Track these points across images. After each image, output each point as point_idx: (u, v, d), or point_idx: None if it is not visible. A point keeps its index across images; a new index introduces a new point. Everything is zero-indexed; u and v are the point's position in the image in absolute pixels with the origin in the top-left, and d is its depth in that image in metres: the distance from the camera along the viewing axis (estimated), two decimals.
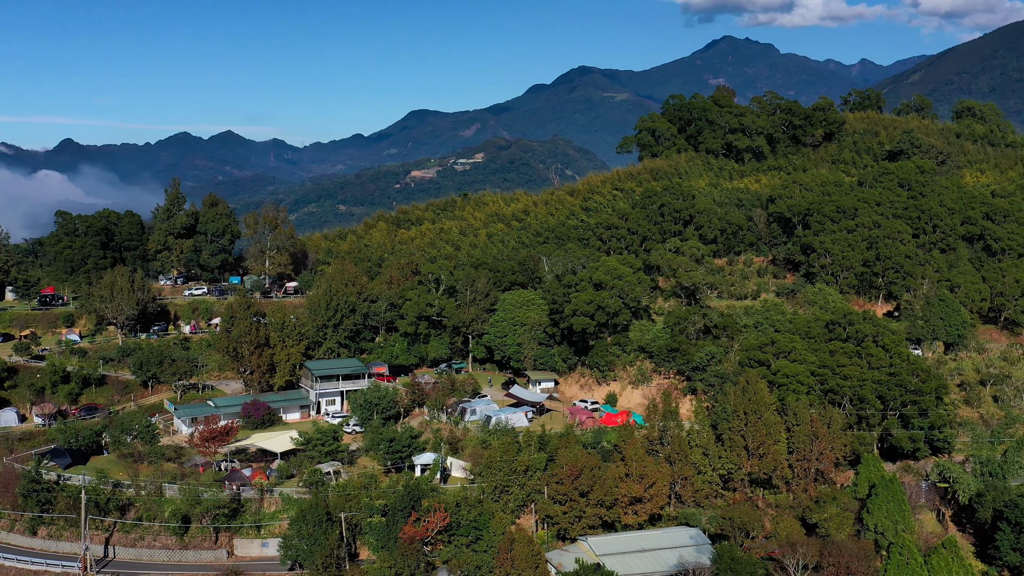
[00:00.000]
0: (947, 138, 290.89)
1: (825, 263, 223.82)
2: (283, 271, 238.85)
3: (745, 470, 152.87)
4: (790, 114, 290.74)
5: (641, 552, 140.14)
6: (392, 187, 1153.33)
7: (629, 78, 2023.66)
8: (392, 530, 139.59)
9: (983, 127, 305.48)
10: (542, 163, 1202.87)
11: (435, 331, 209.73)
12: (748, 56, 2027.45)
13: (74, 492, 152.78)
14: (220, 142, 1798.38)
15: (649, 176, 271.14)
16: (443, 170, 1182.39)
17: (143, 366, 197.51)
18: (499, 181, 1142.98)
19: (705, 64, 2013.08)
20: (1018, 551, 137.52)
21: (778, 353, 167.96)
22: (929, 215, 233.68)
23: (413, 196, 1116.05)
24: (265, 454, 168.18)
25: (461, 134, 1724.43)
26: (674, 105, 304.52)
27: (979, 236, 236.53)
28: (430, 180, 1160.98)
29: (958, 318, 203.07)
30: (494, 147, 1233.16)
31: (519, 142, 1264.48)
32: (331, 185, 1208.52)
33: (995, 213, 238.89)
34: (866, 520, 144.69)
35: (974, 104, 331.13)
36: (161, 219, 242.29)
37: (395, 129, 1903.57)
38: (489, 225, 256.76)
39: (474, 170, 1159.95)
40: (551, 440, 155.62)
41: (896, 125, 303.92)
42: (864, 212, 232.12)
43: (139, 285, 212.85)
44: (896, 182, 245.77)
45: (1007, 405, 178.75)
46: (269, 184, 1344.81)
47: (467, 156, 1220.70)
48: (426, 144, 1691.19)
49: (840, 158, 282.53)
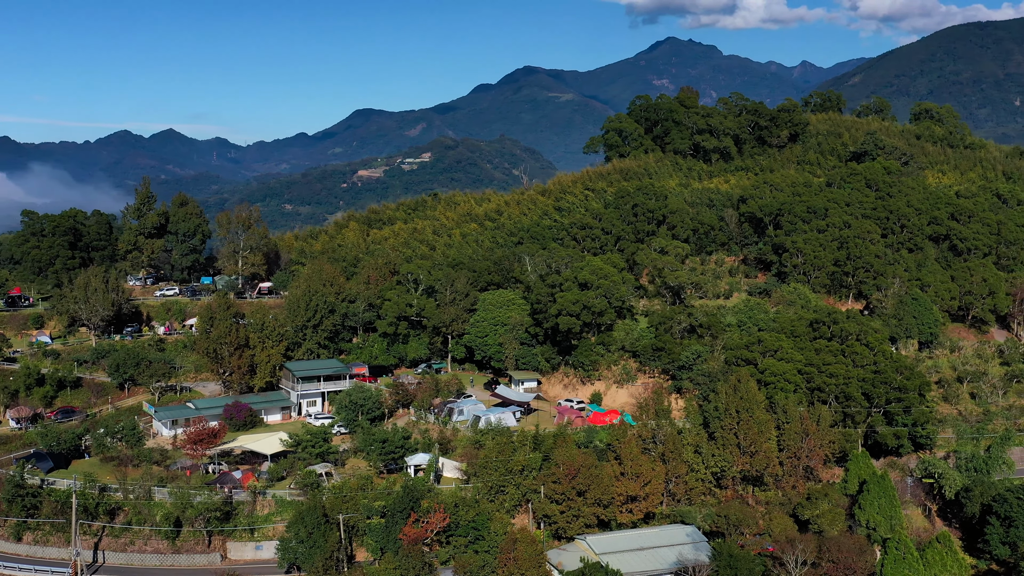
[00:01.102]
0: (908, 140, 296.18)
1: (797, 263, 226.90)
2: (256, 271, 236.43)
3: (737, 468, 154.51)
4: (756, 115, 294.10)
5: (640, 550, 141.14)
6: (339, 186, 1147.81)
7: (574, 78, 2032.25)
8: (391, 531, 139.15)
9: (942, 129, 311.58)
10: (489, 163, 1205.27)
11: (414, 331, 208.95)
12: (692, 57, 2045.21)
13: (61, 497, 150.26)
14: (162, 140, 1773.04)
15: (619, 176, 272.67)
16: (390, 170, 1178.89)
17: (119, 368, 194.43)
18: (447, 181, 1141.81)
19: (649, 65, 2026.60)
20: (1007, 545, 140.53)
21: (765, 352, 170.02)
22: (897, 215, 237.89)
23: (360, 196, 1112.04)
24: (253, 456, 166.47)
25: (407, 133, 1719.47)
26: (640, 106, 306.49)
27: (945, 236, 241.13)
28: (377, 180, 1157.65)
29: (931, 317, 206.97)
30: (441, 147, 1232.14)
31: (466, 142, 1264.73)
32: (277, 184, 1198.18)
33: (960, 213, 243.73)
34: (858, 516, 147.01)
35: (931, 106, 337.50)
36: (131, 218, 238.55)
37: (340, 128, 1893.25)
38: (462, 225, 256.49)
39: (421, 170, 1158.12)
40: (545, 440, 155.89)
41: (858, 127, 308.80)
42: (834, 212, 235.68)
43: (113, 286, 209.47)
44: (863, 182, 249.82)
45: (984, 402, 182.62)
46: (213, 183, 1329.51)
47: (414, 156, 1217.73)
48: (371, 143, 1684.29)
49: (805, 159, 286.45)
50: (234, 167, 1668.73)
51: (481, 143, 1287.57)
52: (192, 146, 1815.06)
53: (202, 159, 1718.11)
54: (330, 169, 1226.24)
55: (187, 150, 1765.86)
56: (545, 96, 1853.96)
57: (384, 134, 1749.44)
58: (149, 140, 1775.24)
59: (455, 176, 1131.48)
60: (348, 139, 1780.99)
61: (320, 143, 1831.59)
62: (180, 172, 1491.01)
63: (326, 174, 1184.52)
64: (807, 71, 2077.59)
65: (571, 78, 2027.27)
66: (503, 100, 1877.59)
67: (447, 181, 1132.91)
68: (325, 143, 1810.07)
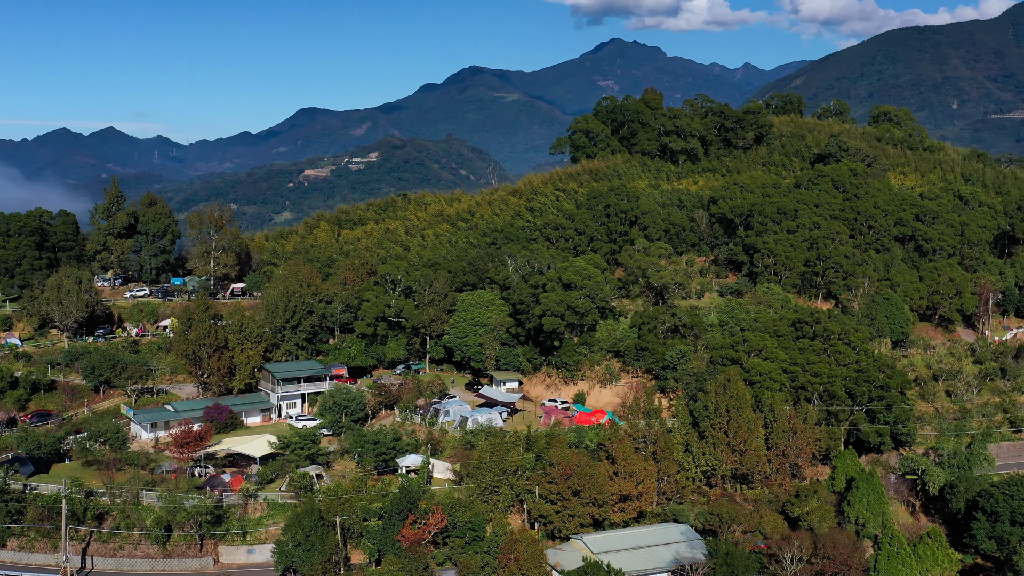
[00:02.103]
0: (869, 142, 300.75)
1: (768, 263, 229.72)
2: (228, 272, 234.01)
3: (727, 466, 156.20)
4: (722, 117, 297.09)
5: (637, 549, 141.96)
6: (285, 186, 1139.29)
7: (520, 78, 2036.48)
8: (390, 533, 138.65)
9: (901, 132, 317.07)
10: (437, 163, 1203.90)
11: (392, 332, 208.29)
12: (636, 59, 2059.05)
13: (48, 501, 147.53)
14: (102, 139, 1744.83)
15: (589, 177, 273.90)
16: (337, 169, 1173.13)
17: (95, 370, 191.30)
18: (394, 181, 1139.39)
19: (594, 66, 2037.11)
20: (993, 539, 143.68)
21: (750, 351, 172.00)
22: (864, 216, 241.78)
23: (307, 195, 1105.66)
24: (240, 458, 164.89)
25: (352, 133, 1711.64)
26: (606, 107, 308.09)
27: (910, 237, 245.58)
28: (324, 179, 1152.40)
29: (902, 316, 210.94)
30: (388, 146, 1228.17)
31: (413, 142, 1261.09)
32: (222, 184, 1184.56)
33: (924, 214, 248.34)
34: (847, 512, 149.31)
35: (890, 109, 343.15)
36: (100, 218, 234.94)
37: (284, 127, 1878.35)
38: (434, 225, 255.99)
39: (369, 169, 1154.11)
40: (538, 440, 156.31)
41: (820, 128, 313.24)
42: (804, 213, 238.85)
43: (86, 287, 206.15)
44: (831, 184, 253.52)
45: (960, 399, 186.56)
46: (156, 182, 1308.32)
47: (361, 155, 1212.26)
48: (316, 143, 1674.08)
49: (771, 160, 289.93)
50: (176, 166, 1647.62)
51: (428, 143, 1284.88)
52: (133, 144, 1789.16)
53: (143, 158, 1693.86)
54: (276, 168, 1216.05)
55: (128, 148, 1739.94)
56: (491, 96, 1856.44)
57: (329, 133, 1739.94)
58: (89, 138, 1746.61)
59: (403, 176, 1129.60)
60: (293, 138, 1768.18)
61: (264, 142, 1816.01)
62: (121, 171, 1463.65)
63: (272, 173, 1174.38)
64: (750, 73, 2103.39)
65: (517, 78, 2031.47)
66: (449, 100, 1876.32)
67: (395, 181, 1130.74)
68: (269, 142, 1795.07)
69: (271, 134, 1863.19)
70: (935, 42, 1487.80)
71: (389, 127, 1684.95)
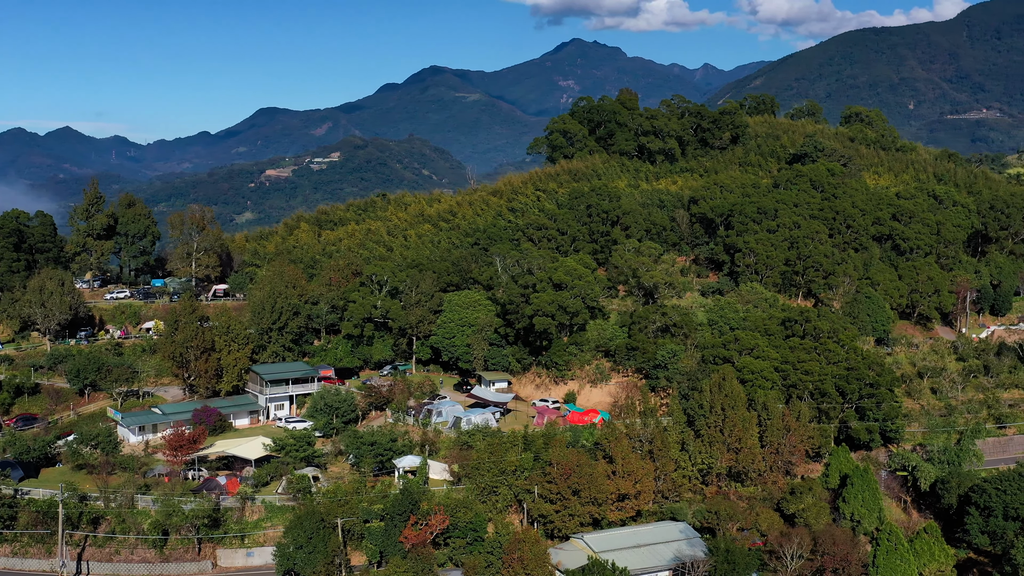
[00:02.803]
0: (842, 142, 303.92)
1: (750, 262, 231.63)
2: (211, 273, 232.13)
3: (723, 464, 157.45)
4: (699, 117, 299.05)
5: (638, 548, 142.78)
6: (247, 186, 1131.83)
7: (480, 78, 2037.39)
8: (391, 535, 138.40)
9: (874, 132, 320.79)
10: (399, 163, 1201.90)
11: (379, 333, 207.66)
12: (596, 59, 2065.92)
13: (42, 507, 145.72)
14: (58, 138, 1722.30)
15: (569, 177, 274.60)
16: (299, 169, 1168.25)
17: (80, 373, 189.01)
18: (356, 181, 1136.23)
19: (555, 66, 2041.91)
20: (986, 534, 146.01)
21: (741, 350, 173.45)
22: (843, 216, 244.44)
23: (269, 196, 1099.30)
24: (235, 461, 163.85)
25: (312, 132, 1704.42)
26: (583, 107, 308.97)
27: (888, 236, 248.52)
28: (286, 179, 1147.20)
29: (884, 314, 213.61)
30: (350, 146, 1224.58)
31: (375, 141, 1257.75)
32: (182, 184, 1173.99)
33: (901, 214, 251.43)
34: (843, 509, 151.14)
35: (861, 110, 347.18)
36: (79, 220, 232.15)
37: (243, 127, 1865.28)
38: (416, 226, 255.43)
39: (331, 169, 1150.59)
40: (535, 440, 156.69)
41: (794, 129, 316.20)
42: (784, 213, 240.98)
43: (69, 289, 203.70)
44: (809, 184, 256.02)
45: (945, 396, 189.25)
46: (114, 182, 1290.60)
47: (323, 155, 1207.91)
48: (276, 143, 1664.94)
49: (747, 160, 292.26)
50: (135, 166, 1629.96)
51: (390, 143, 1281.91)
52: (90, 144, 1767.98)
53: (101, 158, 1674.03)
54: (237, 168, 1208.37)
55: (85, 148, 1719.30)
56: (452, 96, 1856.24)
57: (289, 133, 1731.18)
58: (45, 138, 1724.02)
59: (365, 176, 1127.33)
60: (252, 138, 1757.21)
61: (223, 142, 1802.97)
62: (78, 171, 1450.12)
63: (233, 173, 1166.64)
64: (709, 73, 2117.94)
65: (477, 78, 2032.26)
66: (410, 100, 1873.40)
67: (357, 181, 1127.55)
68: (228, 142, 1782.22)
69: (230, 134, 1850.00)
70: (891, 43, 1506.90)
71: (350, 127, 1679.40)
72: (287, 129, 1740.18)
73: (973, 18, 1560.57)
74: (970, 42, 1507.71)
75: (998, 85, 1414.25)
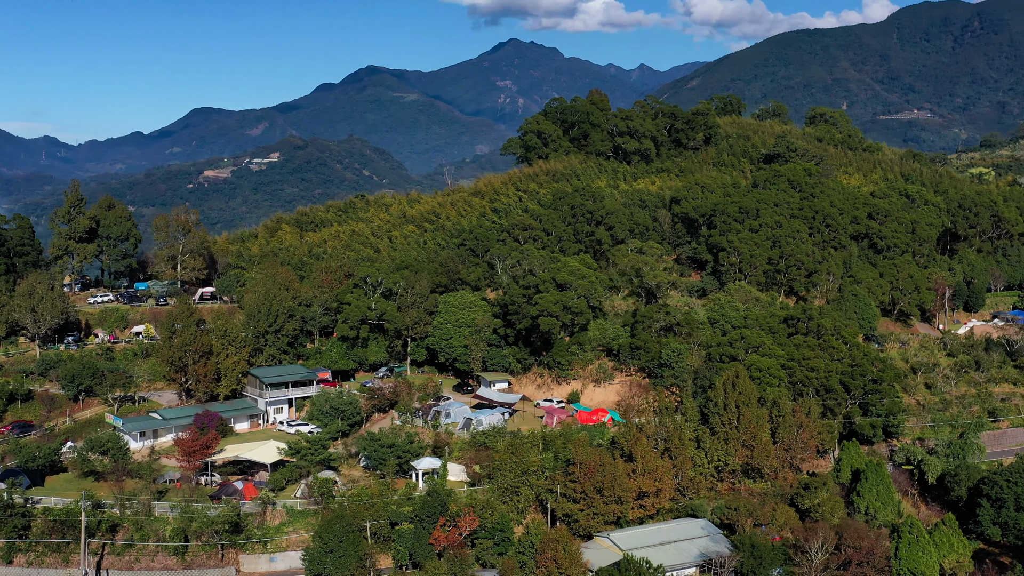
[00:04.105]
0: (810, 142, 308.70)
1: (734, 261, 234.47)
2: (197, 276, 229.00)
3: (737, 461, 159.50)
4: (672, 118, 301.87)
5: (663, 545, 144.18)
6: (184, 187, 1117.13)
7: (418, 78, 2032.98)
8: (421, 537, 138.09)
9: (841, 133, 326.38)
10: (340, 163, 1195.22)
11: (373, 335, 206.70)
12: (534, 59, 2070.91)
13: (60, 515, 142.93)
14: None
15: (548, 178, 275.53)
16: (238, 170, 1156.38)
17: (74, 379, 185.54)
18: (297, 181, 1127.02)
19: (492, 66, 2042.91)
20: (998, 525, 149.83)
21: (747, 348, 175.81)
22: (822, 215, 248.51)
23: (208, 196, 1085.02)
24: (248, 465, 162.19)
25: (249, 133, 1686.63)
26: (556, 108, 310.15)
27: (865, 235, 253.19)
28: (225, 180, 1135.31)
29: (871, 312, 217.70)
30: (290, 147, 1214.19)
31: (315, 142, 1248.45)
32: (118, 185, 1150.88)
33: (877, 213, 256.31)
34: (857, 503, 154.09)
35: (825, 110, 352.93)
36: (60, 223, 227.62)
37: (178, 127, 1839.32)
38: (400, 227, 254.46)
39: (271, 170, 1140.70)
40: (555, 440, 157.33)
41: (763, 129, 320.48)
42: (765, 212, 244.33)
43: (59, 293, 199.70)
44: (787, 183, 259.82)
45: (939, 391, 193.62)
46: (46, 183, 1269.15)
47: (262, 156, 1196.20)
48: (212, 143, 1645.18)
49: (720, 160, 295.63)
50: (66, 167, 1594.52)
51: (330, 143, 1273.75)
52: (19, 145, 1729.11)
53: (31, 159, 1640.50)
54: (174, 169, 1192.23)
55: (13, 149, 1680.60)
56: (389, 96, 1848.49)
57: (225, 133, 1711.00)
58: None
59: (306, 177, 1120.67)
60: (187, 138, 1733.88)
61: (157, 142, 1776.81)
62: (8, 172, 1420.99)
63: (170, 174, 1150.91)
64: (645, 74, 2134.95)
65: (415, 78, 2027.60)
66: (347, 99, 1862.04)
67: (297, 182, 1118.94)
68: (162, 142, 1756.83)
69: (164, 134, 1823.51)
70: (824, 44, 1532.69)
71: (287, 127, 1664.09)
72: (223, 129, 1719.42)
73: (903, 20, 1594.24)
74: (900, 44, 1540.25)
75: (927, 86, 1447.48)
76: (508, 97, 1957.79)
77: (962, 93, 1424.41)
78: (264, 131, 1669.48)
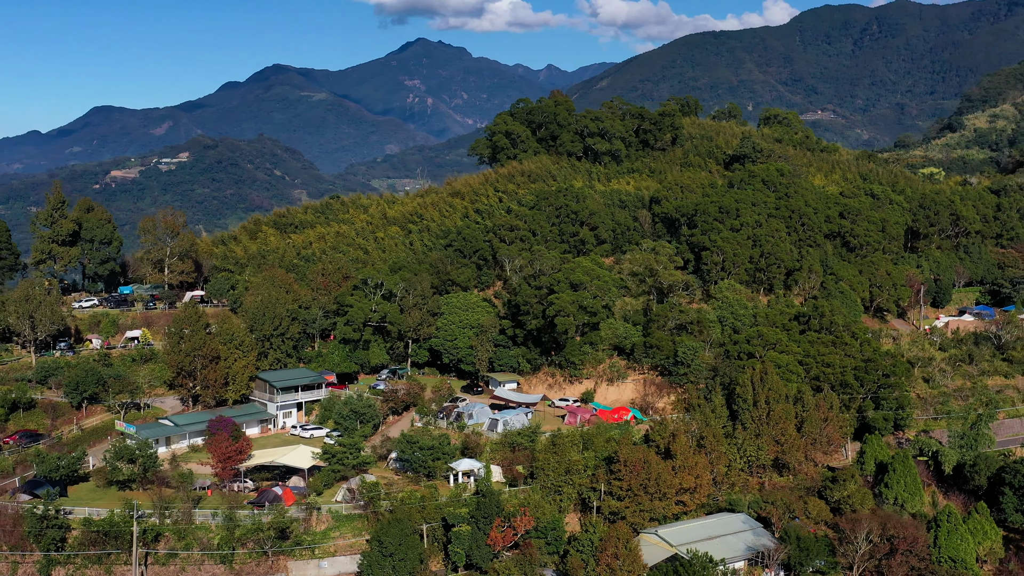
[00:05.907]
0: (770, 143, 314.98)
1: (718, 260, 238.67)
2: (186, 279, 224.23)
3: (768, 455, 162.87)
4: (640, 119, 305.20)
5: (711, 539, 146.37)
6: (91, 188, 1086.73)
7: (325, 77, 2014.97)
8: (479, 539, 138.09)
9: (798, 134, 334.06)
10: (251, 163, 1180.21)
11: (375, 337, 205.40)
12: (442, 59, 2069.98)
13: (102, 526, 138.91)
14: None
15: (525, 179, 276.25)
16: (146, 170, 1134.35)
17: (79, 386, 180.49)
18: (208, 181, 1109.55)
19: (401, 65, 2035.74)
20: (1021, 512, 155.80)
21: (765, 345, 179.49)
22: (799, 214, 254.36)
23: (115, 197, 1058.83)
24: (286, 471, 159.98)
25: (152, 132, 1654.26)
26: (522, 109, 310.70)
27: (838, 233, 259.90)
28: (133, 180, 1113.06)
29: (857, 308, 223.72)
30: (199, 146, 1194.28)
31: (225, 141, 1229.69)
32: (20, 186, 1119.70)
33: (848, 212, 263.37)
34: (885, 494, 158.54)
35: (779, 111, 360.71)
36: (42, 226, 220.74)
37: (77, 126, 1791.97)
38: (383, 228, 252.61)
39: (180, 170, 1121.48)
40: (595, 439, 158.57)
41: (724, 130, 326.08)
42: (745, 212, 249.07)
43: (56, 297, 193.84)
44: (762, 183, 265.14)
45: (936, 384, 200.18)
46: None
47: (171, 155, 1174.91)
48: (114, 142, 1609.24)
49: (687, 161, 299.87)
50: None
51: (241, 143, 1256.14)
52: None
53: None
54: (79, 169, 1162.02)
55: None
56: (297, 95, 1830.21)
57: (127, 132, 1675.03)
58: None
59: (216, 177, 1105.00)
60: (87, 137, 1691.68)
61: (56, 141, 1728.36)
62: None
63: (75, 174, 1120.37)
64: (553, 74, 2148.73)
65: (322, 77, 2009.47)
66: (253, 98, 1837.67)
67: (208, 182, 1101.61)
68: (62, 141, 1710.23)
69: (63, 133, 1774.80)
70: (730, 47, 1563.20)
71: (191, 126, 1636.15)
72: (125, 128, 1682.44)
73: (805, 23, 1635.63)
74: (803, 46, 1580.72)
75: (829, 87, 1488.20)
76: (417, 96, 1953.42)
77: (862, 95, 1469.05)
78: (168, 130, 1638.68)
